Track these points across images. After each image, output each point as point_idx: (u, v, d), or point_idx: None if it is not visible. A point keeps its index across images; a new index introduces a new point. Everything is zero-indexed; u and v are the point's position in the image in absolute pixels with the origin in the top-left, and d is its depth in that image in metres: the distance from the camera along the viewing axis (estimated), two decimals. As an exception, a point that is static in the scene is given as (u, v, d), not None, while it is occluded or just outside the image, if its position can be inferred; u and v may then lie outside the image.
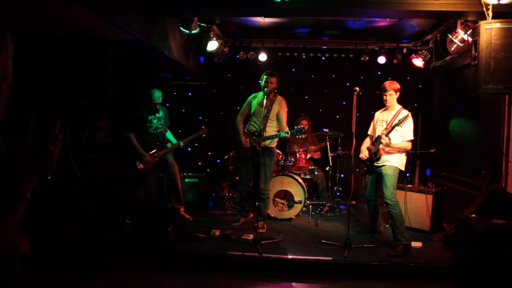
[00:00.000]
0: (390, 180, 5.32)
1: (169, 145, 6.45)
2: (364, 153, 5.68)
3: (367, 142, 5.82)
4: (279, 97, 6.01)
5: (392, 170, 5.35)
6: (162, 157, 6.32)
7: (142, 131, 6.26)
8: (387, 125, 5.44)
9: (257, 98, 6.15)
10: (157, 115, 6.33)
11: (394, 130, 5.30)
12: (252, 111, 6.15)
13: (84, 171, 5.24)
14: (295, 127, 5.73)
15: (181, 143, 6.43)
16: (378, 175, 5.54)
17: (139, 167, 6.13)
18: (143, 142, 6.21)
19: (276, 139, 6.09)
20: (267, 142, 5.90)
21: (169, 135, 6.66)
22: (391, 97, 5.47)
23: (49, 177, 1.44)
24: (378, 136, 5.42)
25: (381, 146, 5.33)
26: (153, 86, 6.41)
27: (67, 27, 4.63)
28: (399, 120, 5.23)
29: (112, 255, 4.83)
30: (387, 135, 5.23)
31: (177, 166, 6.52)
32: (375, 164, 5.49)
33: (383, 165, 5.40)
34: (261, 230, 5.74)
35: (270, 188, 6.28)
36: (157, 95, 6.22)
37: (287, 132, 5.72)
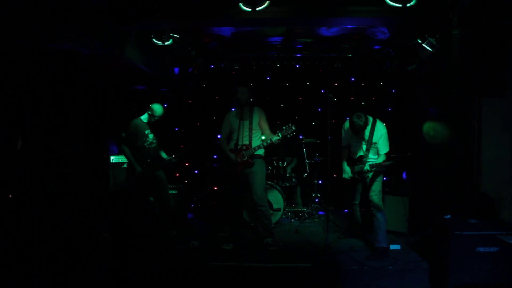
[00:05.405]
0: (377, 184, 5.38)
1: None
2: (348, 174, 5.63)
3: (345, 156, 5.77)
4: (256, 107, 5.96)
5: (378, 175, 5.41)
6: (154, 173, 6.13)
7: (138, 145, 6.03)
8: (367, 143, 5.40)
9: (234, 114, 6.01)
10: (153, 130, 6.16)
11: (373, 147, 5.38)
12: (233, 127, 5.95)
13: (58, 187, 5.16)
14: (283, 127, 5.59)
15: (174, 159, 6.20)
16: (363, 182, 5.57)
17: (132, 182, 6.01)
18: (136, 157, 6.01)
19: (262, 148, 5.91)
20: (259, 151, 5.81)
21: None
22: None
23: None
24: (361, 156, 5.47)
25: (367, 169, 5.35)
26: (131, 99, 6.24)
27: (35, 41, 4.56)
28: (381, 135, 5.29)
29: (87, 270, 4.74)
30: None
31: None
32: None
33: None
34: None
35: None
36: (160, 110, 6.00)
37: (278, 134, 5.58)
